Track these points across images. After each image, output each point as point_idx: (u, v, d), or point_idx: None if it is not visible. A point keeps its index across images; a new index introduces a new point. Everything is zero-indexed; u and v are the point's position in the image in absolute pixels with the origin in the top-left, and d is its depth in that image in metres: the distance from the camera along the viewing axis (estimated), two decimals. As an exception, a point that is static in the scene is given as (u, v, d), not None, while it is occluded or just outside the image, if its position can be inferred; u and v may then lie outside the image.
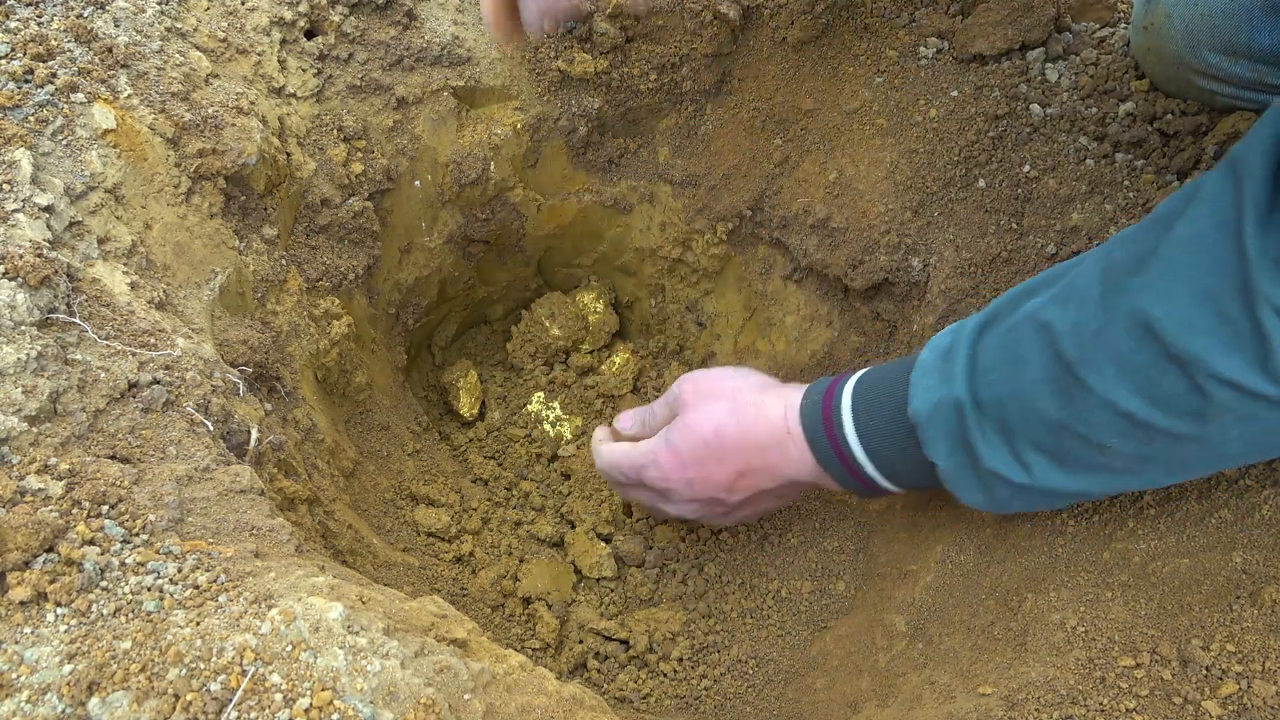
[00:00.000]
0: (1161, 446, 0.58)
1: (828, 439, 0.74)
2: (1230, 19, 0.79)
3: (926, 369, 0.68)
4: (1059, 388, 0.60)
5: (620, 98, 1.04)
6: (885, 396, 0.71)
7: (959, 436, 0.65)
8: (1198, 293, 0.53)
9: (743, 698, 0.86)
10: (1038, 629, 0.61)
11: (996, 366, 0.63)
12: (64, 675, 0.44)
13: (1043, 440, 0.62)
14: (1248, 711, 0.53)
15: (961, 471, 0.67)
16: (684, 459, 0.80)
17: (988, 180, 0.89)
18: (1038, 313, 0.62)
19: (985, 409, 0.64)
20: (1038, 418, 0.61)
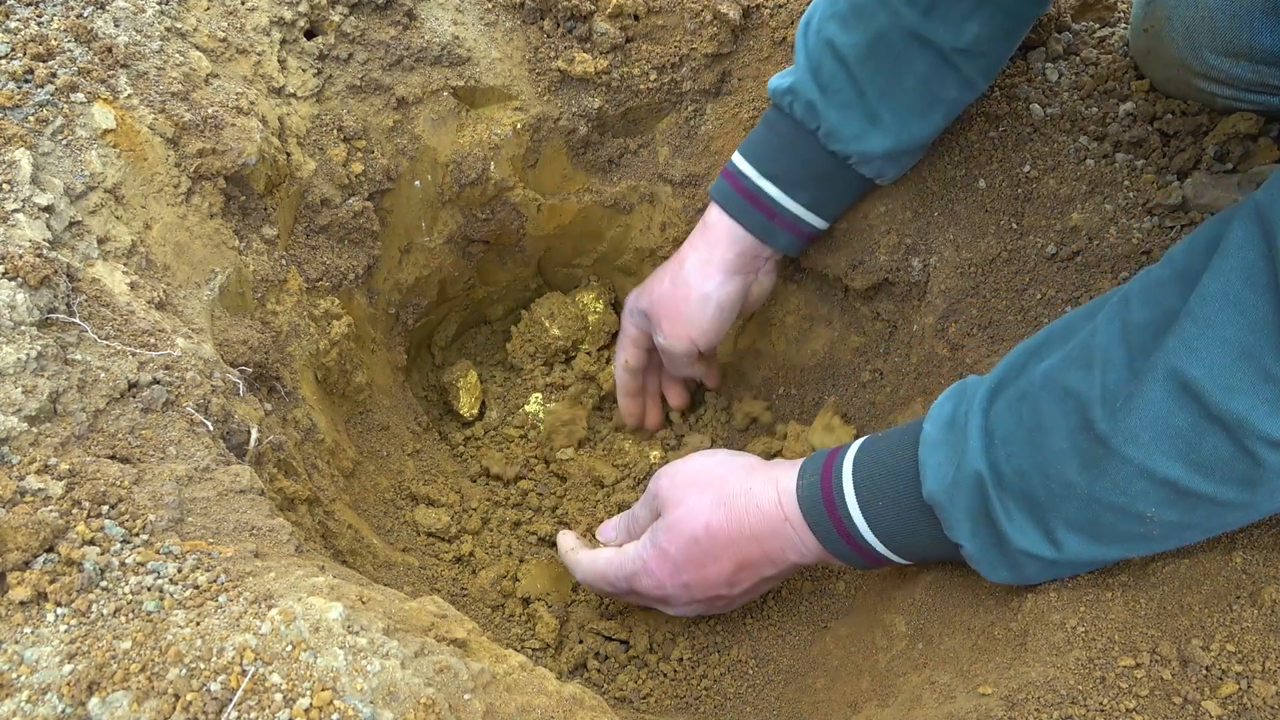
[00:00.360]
0: (1205, 513, 0.55)
1: (832, 523, 0.70)
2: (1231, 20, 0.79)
3: (934, 444, 0.64)
4: (1088, 459, 0.56)
5: (620, 98, 1.04)
6: (891, 476, 0.68)
7: (982, 515, 0.62)
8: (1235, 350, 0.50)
9: (743, 698, 0.85)
10: (1038, 629, 0.61)
11: (1015, 438, 0.60)
12: (64, 675, 0.44)
13: (1074, 515, 0.58)
14: (1248, 711, 0.53)
15: (987, 551, 0.63)
16: (676, 563, 0.77)
17: (988, 180, 0.89)
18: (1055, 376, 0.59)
19: (1007, 484, 0.60)
20: (1067, 491, 0.58)
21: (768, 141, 0.87)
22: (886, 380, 0.97)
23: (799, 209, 0.87)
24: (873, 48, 0.79)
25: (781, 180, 0.86)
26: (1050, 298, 0.83)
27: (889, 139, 0.83)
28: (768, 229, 0.88)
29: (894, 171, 0.87)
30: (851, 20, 0.80)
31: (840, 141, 0.83)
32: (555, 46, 1.01)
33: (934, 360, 0.89)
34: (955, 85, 0.81)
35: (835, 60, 0.81)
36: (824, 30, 0.82)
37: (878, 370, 0.99)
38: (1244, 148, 0.83)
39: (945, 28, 0.78)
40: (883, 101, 0.81)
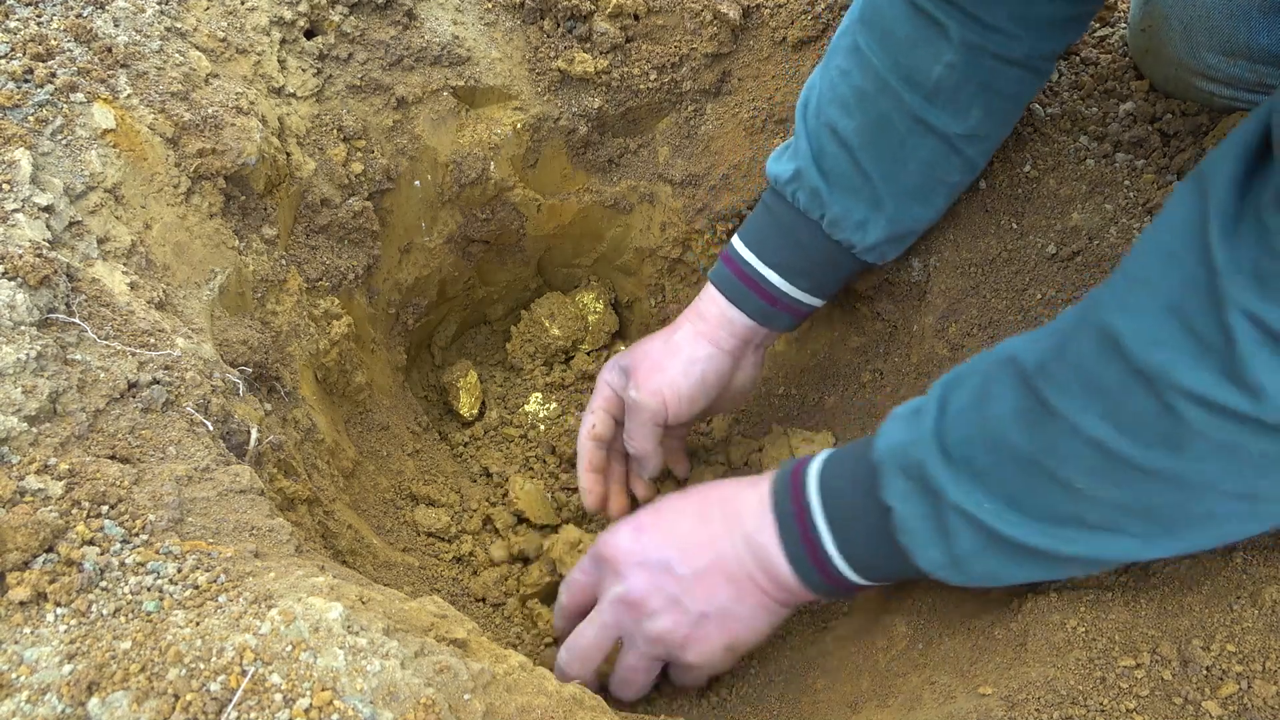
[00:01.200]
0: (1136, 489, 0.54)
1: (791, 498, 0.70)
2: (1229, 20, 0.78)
3: (895, 417, 0.66)
4: (1029, 418, 0.57)
5: (620, 98, 1.04)
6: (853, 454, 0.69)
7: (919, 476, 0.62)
8: (1162, 305, 0.50)
9: (743, 698, 0.85)
10: (1038, 629, 0.61)
11: (966, 408, 0.61)
12: (64, 675, 0.44)
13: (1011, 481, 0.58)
14: (1248, 712, 0.53)
15: (919, 516, 0.62)
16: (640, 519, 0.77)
17: (988, 180, 0.89)
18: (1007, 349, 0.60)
19: (953, 450, 0.60)
20: (1007, 452, 0.58)
21: (769, 228, 0.87)
22: (886, 380, 0.97)
23: (800, 294, 0.87)
24: (876, 133, 0.79)
25: (784, 269, 0.86)
26: (1050, 298, 0.83)
27: (892, 225, 0.83)
28: (770, 314, 0.88)
29: (894, 253, 0.87)
30: (854, 105, 0.79)
31: (844, 231, 0.83)
32: (555, 46, 1.01)
33: (934, 360, 0.89)
34: (957, 169, 0.82)
35: (838, 145, 0.81)
36: (825, 114, 0.81)
37: (878, 370, 0.99)
38: (1244, 148, 0.83)
39: (948, 114, 0.78)
40: (886, 187, 0.81)
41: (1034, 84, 0.80)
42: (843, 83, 0.80)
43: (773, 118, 1.01)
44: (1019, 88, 0.79)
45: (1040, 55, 0.77)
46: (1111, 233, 0.83)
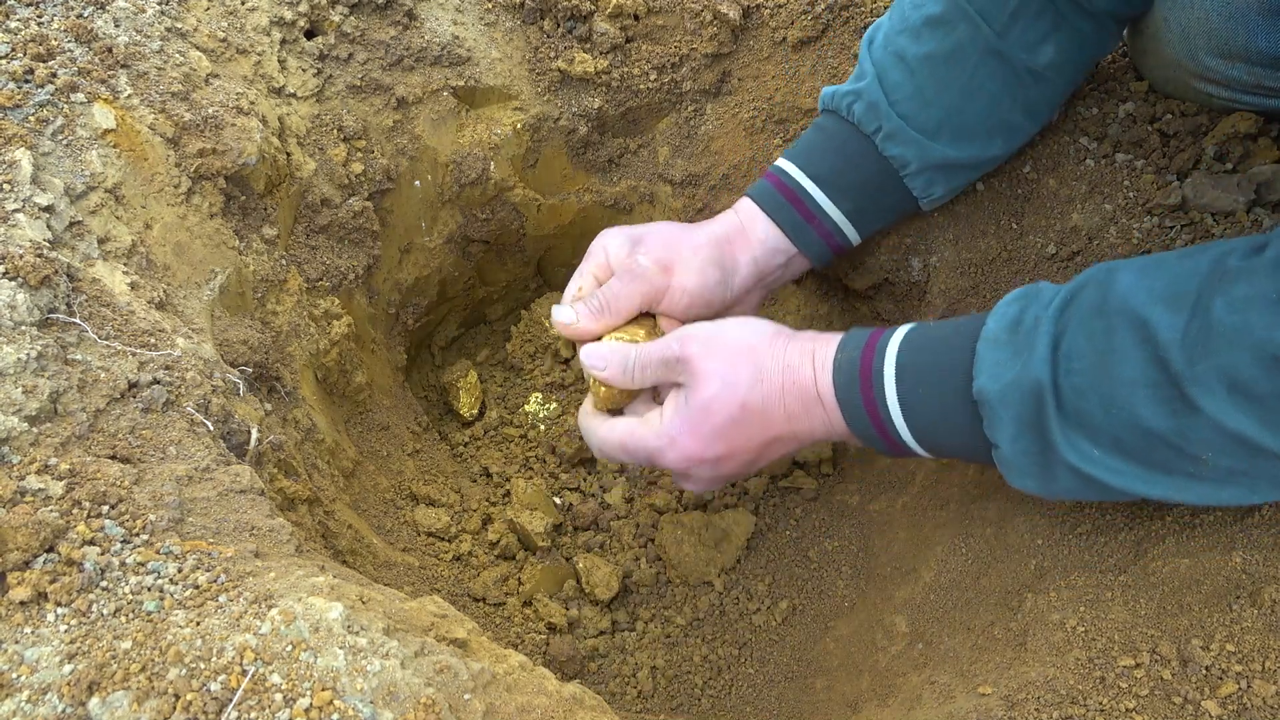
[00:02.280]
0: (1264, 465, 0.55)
1: (864, 406, 0.68)
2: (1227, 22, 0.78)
3: (995, 342, 0.63)
4: (1160, 395, 0.56)
5: (620, 98, 1.04)
6: (938, 367, 0.66)
7: (1031, 422, 0.60)
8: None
9: (743, 698, 0.86)
10: (1038, 629, 0.61)
11: (1083, 354, 0.59)
12: (64, 675, 0.44)
13: (1129, 443, 0.58)
14: (1248, 711, 0.53)
15: (1025, 458, 0.62)
16: (708, 441, 0.73)
17: (987, 180, 0.89)
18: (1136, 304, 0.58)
19: (1065, 398, 0.59)
20: (1128, 420, 0.57)
21: (817, 144, 0.84)
22: (886, 380, 0.97)
23: (839, 215, 0.83)
24: (948, 59, 0.79)
25: (826, 183, 0.83)
26: (1050, 298, 0.83)
27: (946, 154, 0.81)
28: (802, 231, 0.83)
29: (941, 190, 0.84)
30: (926, 33, 0.79)
31: (900, 144, 0.81)
32: (555, 46, 1.01)
33: (934, 360, 0.89)
34: (1021, 110, 0.81)
35: (904, 70, 0.80)
36: (893, 43, 0.81)
37: (878, 370, 0.99)
38: (1244, 148, 0.83)
39: (1021, 46, 0.78)
40: (949, 115, 0.80)
41: (1101, 42, 0.81)
42: (915, 13, 0.80)
43: (773, 118, 1.01)
44: (1088, 38, 0.80)
45: (1111, 14, 0.79)
46: (1111, 233, 0.83)
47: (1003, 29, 0.78)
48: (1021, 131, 0.84)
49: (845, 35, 0.98)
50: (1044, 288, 0.64)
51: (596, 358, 0.77)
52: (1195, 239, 0.80)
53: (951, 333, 0.66)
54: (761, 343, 0.73)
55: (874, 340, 0.69)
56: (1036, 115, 0.83)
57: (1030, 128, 0.84)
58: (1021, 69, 0.79)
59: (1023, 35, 0.78)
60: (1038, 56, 0.79)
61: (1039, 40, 0.79)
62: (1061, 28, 0.79)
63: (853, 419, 0.70)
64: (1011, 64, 0.79)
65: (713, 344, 0.73)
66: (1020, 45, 0.79)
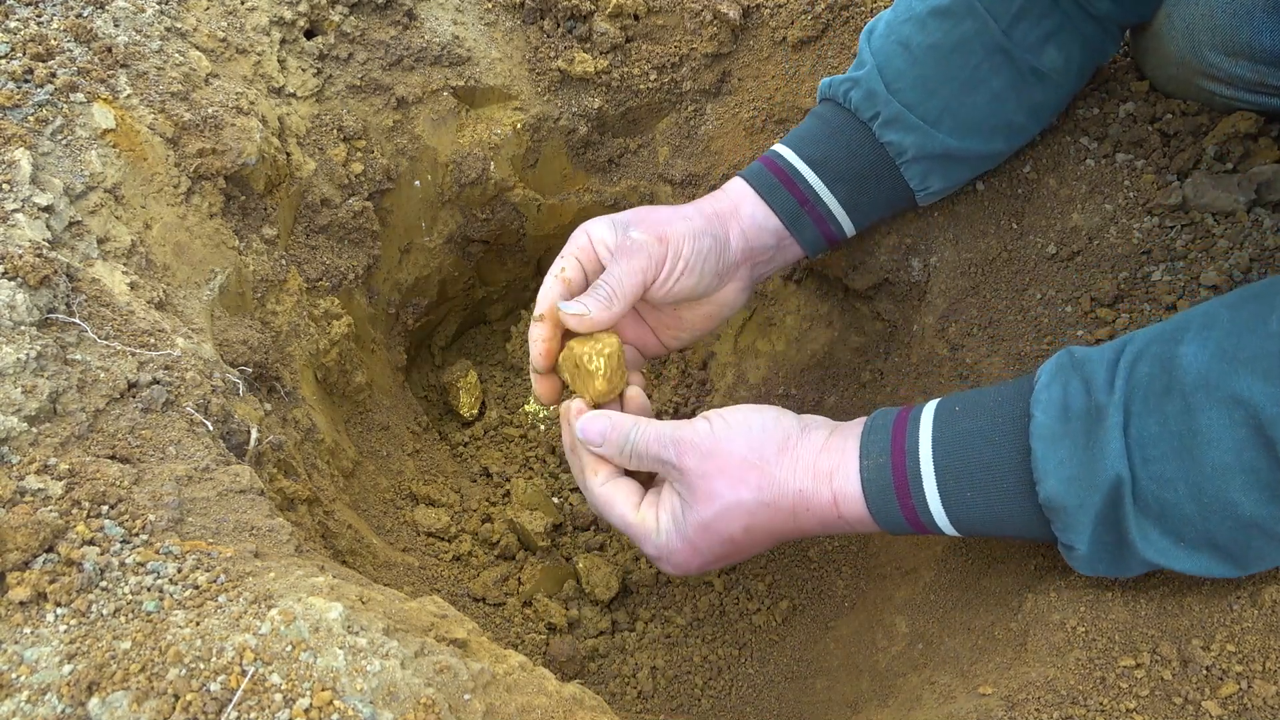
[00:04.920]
0: None
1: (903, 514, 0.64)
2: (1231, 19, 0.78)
3: (1051, 437, 0.57)
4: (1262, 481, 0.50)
5: (620, 98, 1.04)
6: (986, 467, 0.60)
7: (1110, 521, 0.56)
8: None
9: (743, 698, 0.86)
10: (1038, 629, 0.61)
11: (1160, 442, 0.53)
12: (64, 675, 0.44)
13: (1222, 535, 0.53)
14: (1248, 711, 0.53)
15: (1101, 552, 0.57)
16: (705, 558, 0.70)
17: (987, 180, 0.89)
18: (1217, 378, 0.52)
19: (1144, 492, 0.54)
20: (1223, 511, 0.52)
21: (814, 130, 0.82)
22: (886, 380, 0.97)
23: (833, 203, 0.81)
24: (954, 50, 0.78)
25: (822, 167, 0.80)
26: (1050, 298, 0.83)
27: (945, 145, 0.79)
28: (796, 217, 0.81)
29: (938, 184, 0.83)
30: (933, 24, 0.79)
31: (898, 130, 0.79)
32: (555, 46, 1.01)
33: (934, 360, 0.89)
34: (1024, 110, 0.81)
35: (908, 58, 0.79)
36: (897, 32, 0.80)
37: (878, 370, 0.99)
38: (1244, 147, 0.83)
39: (1026, 45, 0.79)
40: (950, 108, 0.79)
41: (1103, 47, 0.82)
42: (921, 4, 0.80)
43: (773, 118, 1.01)
44: (1091, 42, 0.81)
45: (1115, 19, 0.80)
46: (1111, 233, 0.83)
47: (1009, 26, 0.78)
48: (1023, 132, 0.84)
49: (845, 35, 0.98)
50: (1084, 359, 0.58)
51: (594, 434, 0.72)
52: (1195, 239, 0.80)
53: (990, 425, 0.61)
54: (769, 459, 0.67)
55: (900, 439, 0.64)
56: (1038, 116, 0.83)
57: (1031, 129, 0.84)
58: (1026, 68, 0.79)
59: (1028, 34, 0.79)
60: (1042, 57, 0.79)
61: (1043, 40, 0.79)
62: (1066, 29, 0.79)
63: (889, 524, 0.65)
64: (1016, 62, 0.79)
65: (713, 459, 0.67)
66: (1025, 44, 0.79)
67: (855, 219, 0.83)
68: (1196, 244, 0.80)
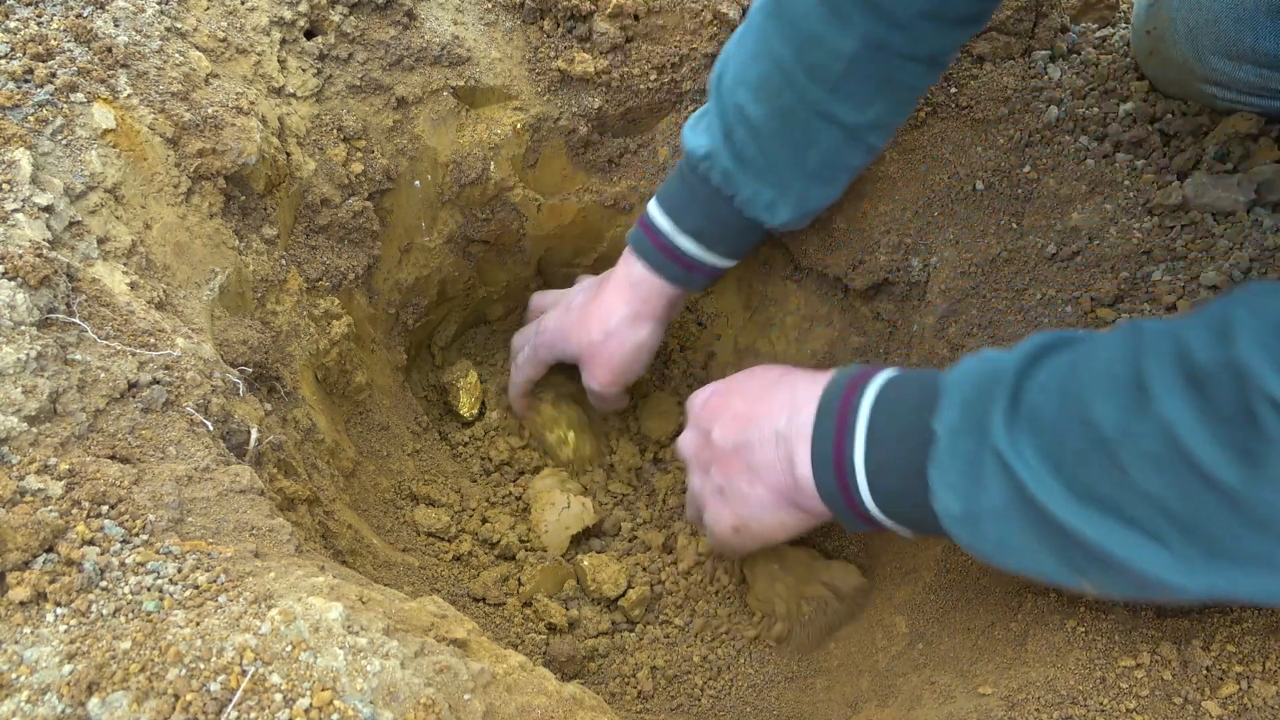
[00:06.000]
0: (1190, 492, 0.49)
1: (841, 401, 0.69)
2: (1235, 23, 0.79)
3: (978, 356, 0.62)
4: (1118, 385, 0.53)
5: (620, 98, 1.04)
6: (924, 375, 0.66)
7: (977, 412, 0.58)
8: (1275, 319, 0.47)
9: (743, 698, 0.86)
10: (1038, 629, 0.61)
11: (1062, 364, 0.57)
12: (64, 675, 0.44)
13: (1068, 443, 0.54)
14: (1248, 712, 0.53)
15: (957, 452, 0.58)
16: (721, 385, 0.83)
17: (987, 181, 0.89)
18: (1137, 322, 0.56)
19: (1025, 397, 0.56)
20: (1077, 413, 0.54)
21: (685, 200, 0.90)
22: (886, 380, 0.97)
23: (715, 259, 0.92)
24: (781, 123, 0.81)
25: (700, 236, 0.90)
26: (1050, 298, 0.83)
27: (798, 206, 0.87)
28: (688, 279, 0.94)
29: (803, 225, 0.92)
30: (760, 93, 0.81)
31: (754, 209, 0.87)
32: (555, 46, 1.01)
33: (934, 360, 0.89)
34: (859, 154, 0.85)
35: (747, 129, 0.83)
36: (735, 94, 0.83)
37: (878, 370, 0.99)
38: (1244, 148, 0.83)
39: (851, 106, 0.79)
40: (792, 171, 0.84)
41: (933, 76, 0.83)
42: (752, 67, 0.82)
43: (773, 118, 1.01)
44: (920, 80, 0.81)
45: (943, 51, 0.79)
46: (1111, 233, 0.83)
47: (831, 91, 0.78)
48: (861, 169, 0.88)
49: (845, 35, 0.98)
50: None
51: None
52: (1195, 239, 0.80)
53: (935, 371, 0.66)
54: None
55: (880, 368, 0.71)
56: (874, 151, 0.86)
57: (871, 159, 0.87)
58: (853, 125, 0.80)
59: (851, 95, 0.79)
60: (867, 113, 0.80)
61: (867, 100, 0.79)
62: (889, 83, 0.78)
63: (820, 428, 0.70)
64: (841, 123, 0.80)
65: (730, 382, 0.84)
66: (849, 106, 0.79)
67: (736, 259, 0.94)
68: (1196, 244, 0.80)
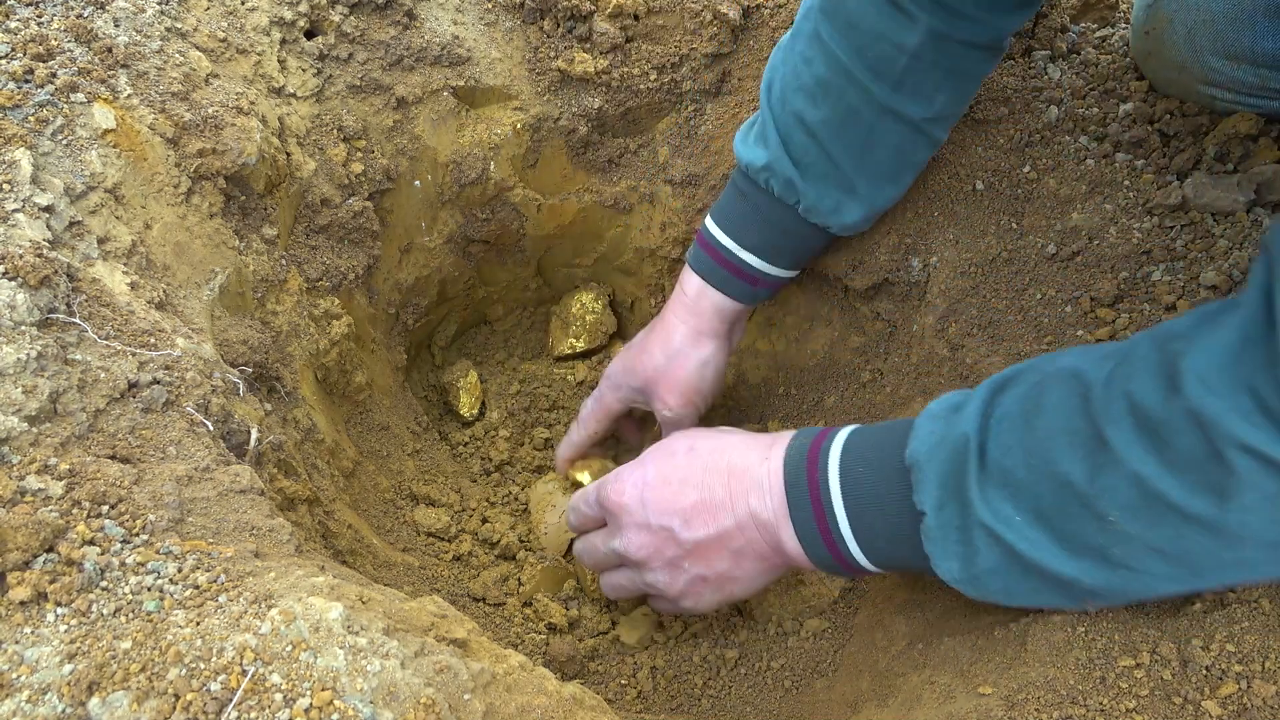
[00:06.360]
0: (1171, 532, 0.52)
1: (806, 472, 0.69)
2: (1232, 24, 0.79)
3: (933, 415, 0.63)
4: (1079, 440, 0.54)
5: (620, 98, 1.04)
6: (879, 443, 0.66)
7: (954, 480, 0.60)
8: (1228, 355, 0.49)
9: (743, 698, 0.86)
10: (1037, 629, 0.61)
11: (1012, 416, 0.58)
12: (64, 675, 0.44)
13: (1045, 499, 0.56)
14: (1248, 712, 0.53)
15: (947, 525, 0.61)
16: (646, 473, 0.77)
17: (987, 180, 0.89)
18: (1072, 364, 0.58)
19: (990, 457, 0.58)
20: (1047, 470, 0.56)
21: (746, 215, 0.89)
22: (886, 380, 0.97)
23: (780, 271, 0.91)
24: (844, 124, 0.80)
25: (764, 251, 0.89)
26: (1050, 298, 0.83)
27: (864, 206, 0.86)
28: (753, 294, 0.92)
29: (868, 226, 0.90)
30: (819, 96, 0.80)
31: (820, 215, 0.86)
32: (555, 46, 1.01)
33: (934, 360, 0.89)
34: (925, 147, 0.84)
35: (806, 135, 0.82)
36: (791, 103, 0.82)
37: (878, 370, 0.99)
38: (1244, 148, 0.83)
39: (915, 101, 0.79)
40: (858, 172, 0.83)
41: (994, 61, 0.82)
42: (806, 71, 0.81)
43: (773, 118, 1.01)
44: (981, 67, 0.81)
45: (1002, 35, 0.79)
46: (1111, 233, 0.83)
47: (894, 88, 0.78)
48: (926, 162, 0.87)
49: (845, 35, 0.98)
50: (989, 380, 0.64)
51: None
52: (1195, 239, 0.80)
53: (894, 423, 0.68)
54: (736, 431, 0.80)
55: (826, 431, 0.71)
56: (938, 142, 0.85)
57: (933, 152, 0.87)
58: (918, 119, 0.80)
59: (915, 91, 0.79)
60: (932, 105, 0.80)
61: (931, 93, 0.79)
62: (952, 73, 0.78)
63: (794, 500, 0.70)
64: (906, 118, 0.80)
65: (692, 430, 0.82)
66: (912, 100, 0.79)
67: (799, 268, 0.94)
68: (1196, 244, 0.80)
